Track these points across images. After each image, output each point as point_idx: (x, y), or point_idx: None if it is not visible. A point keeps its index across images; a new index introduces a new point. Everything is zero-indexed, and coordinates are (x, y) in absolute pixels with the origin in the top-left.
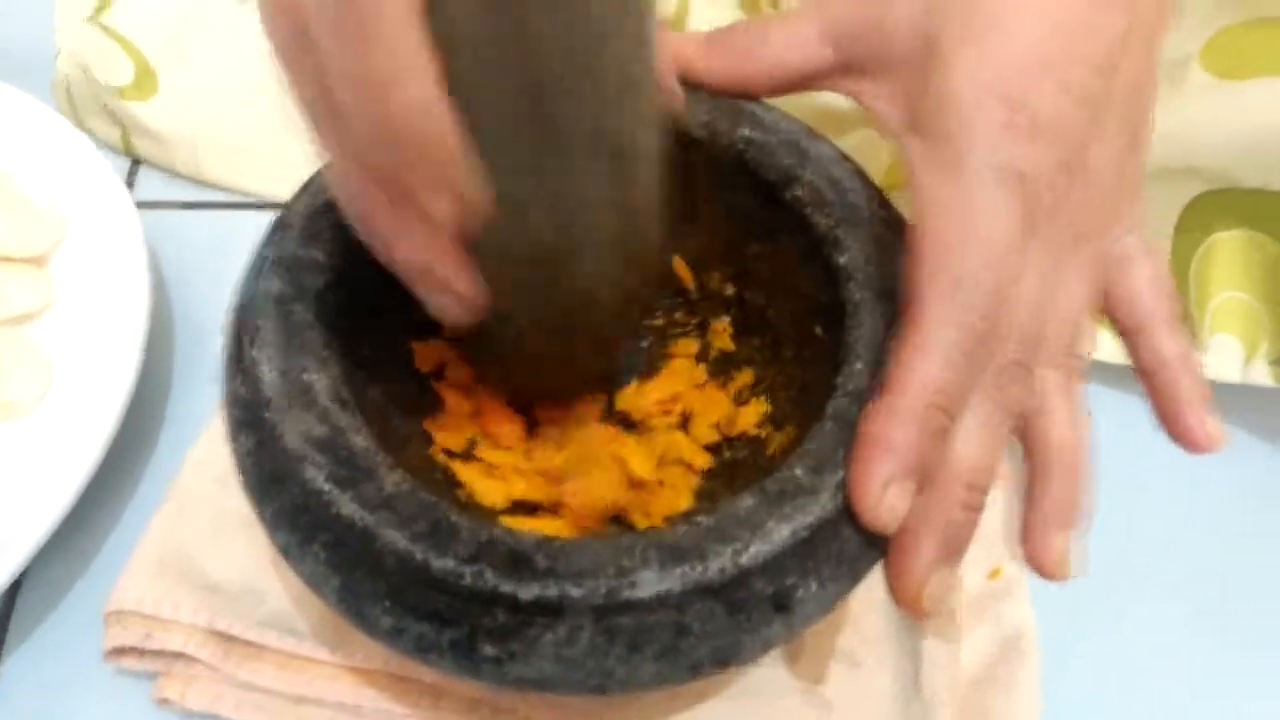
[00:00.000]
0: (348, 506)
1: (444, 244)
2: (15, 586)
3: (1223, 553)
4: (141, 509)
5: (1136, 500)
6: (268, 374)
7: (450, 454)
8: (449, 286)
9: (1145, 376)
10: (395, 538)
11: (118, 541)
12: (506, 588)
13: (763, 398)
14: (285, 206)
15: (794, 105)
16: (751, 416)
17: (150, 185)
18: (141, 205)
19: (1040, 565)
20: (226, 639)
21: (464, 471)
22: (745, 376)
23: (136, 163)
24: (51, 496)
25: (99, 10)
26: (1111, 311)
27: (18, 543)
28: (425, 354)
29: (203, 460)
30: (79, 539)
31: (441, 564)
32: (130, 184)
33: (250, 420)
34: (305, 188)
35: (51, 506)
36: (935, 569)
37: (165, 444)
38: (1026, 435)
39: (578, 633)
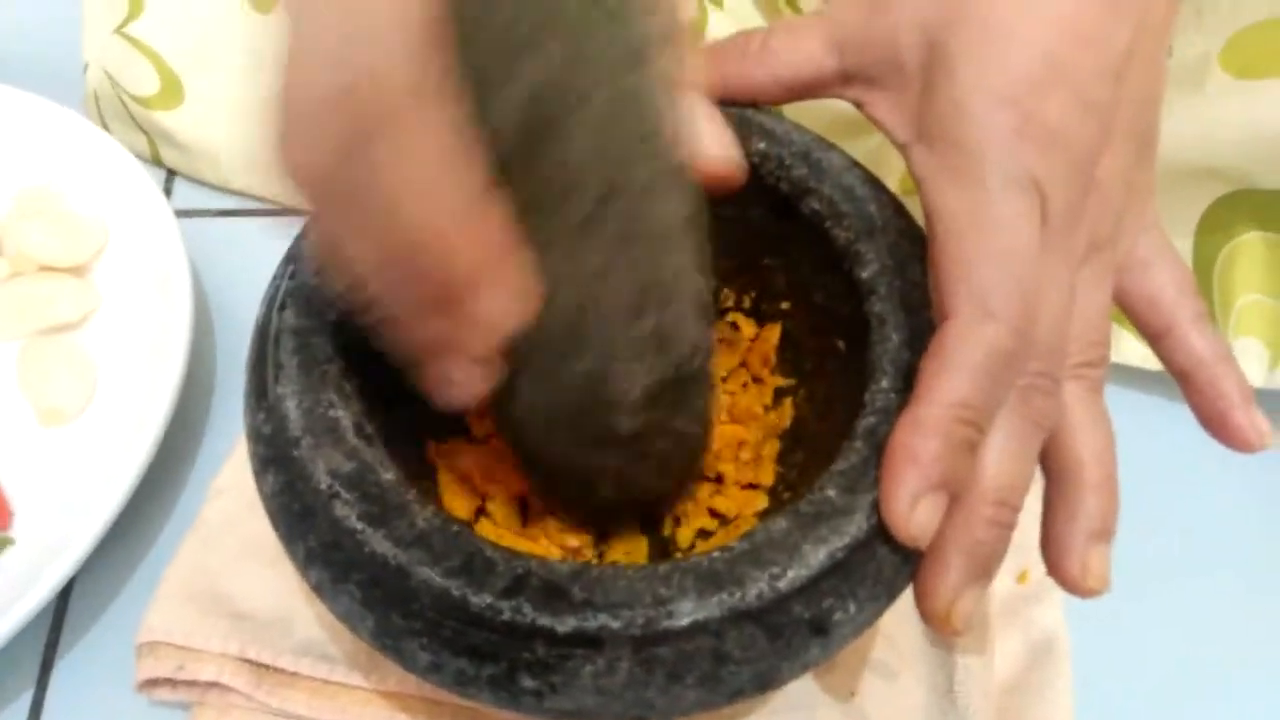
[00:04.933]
0: (380, 544)
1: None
2: (62, 609)
3: (1253, 556)
4: (187, 513)
5: (1167, 503)
6: (293, 411)
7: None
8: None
9: (1181, 378)
10: (430, 574)
11: (164, 548)
12: (544, 621)
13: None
14: (297, 238)
15: (811, 111)
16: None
17: (188, 194)
18: (180, 213)
19: (1078, 581)
20: (259, 668)
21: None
22: (775, 380)
23: (173, 172)
24: (101, 500)
25: (126, 21)
26: (1136, 316)
27: (68, 547)
28: None
29: (226, 488)
30: (123, 551)
31: (479, 600)
32: (168, 192)
33: (277, 458)
34: None
35: (101, 510)
36: (964, 588)
37: (209, 446)
38: (1050, 449)
39: (616, 664)
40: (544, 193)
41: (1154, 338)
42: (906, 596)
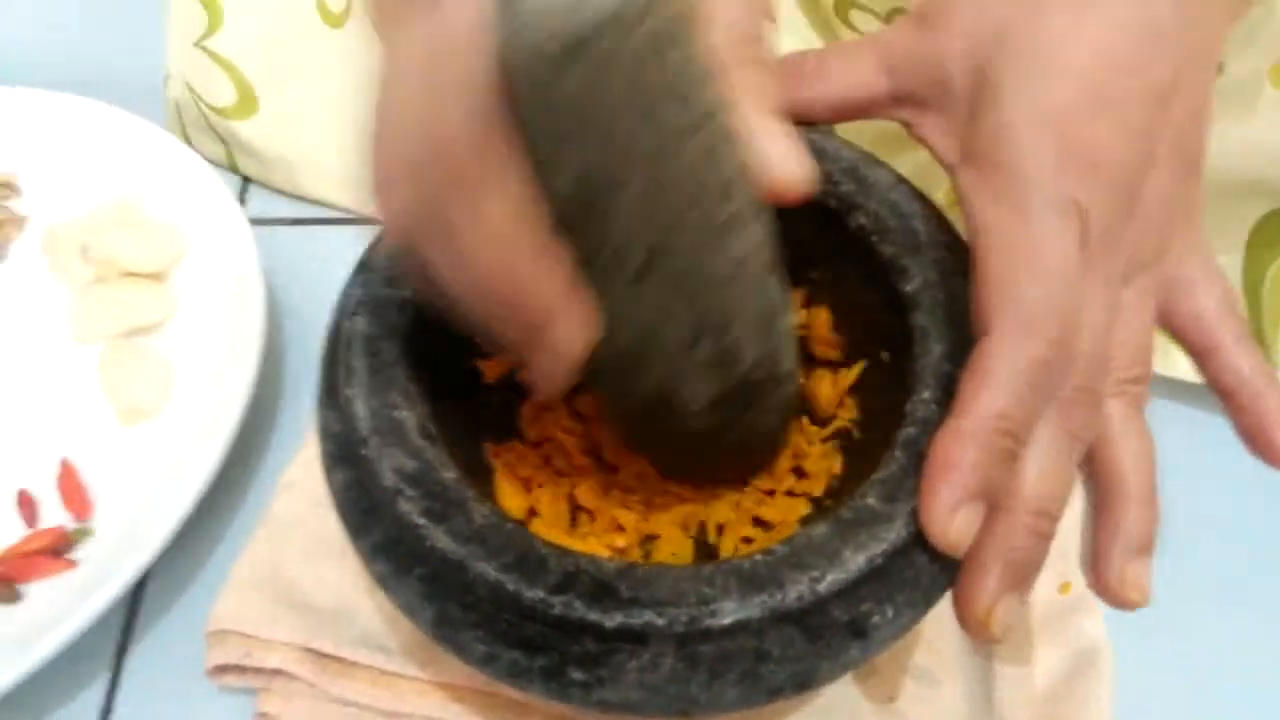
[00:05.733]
0: (441, 539)
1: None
2: (136, 598)
3: None
4: (257, 508)
5: (1210, 516)
6: (361, 411)
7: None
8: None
9: (1225, 397)
10: (486, 569)
11: (234, 541)
12: (593, 617)
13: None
14: (368, 249)
15: (859, 125)
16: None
17: (262, 203)
18: (254, 222)
19: (1120, 594)
20: (321, 657)
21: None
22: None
23: (248, 181)
24: (176, 495)
25: (205, 35)
26: (1181, 335)
27: (146, 538)
28: (491, 368)
29: (294, 485)
30: (196, 544)
31: (531, 594)
32: (243, 201)
33: (346, 455)
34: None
35: (177, 504)
36: (1003, 597)
37: (278, 444)
38: (1093, 463)
39: (660, 660)
40: (597, 252)
41: (1198, 356)
42: (948, 605)
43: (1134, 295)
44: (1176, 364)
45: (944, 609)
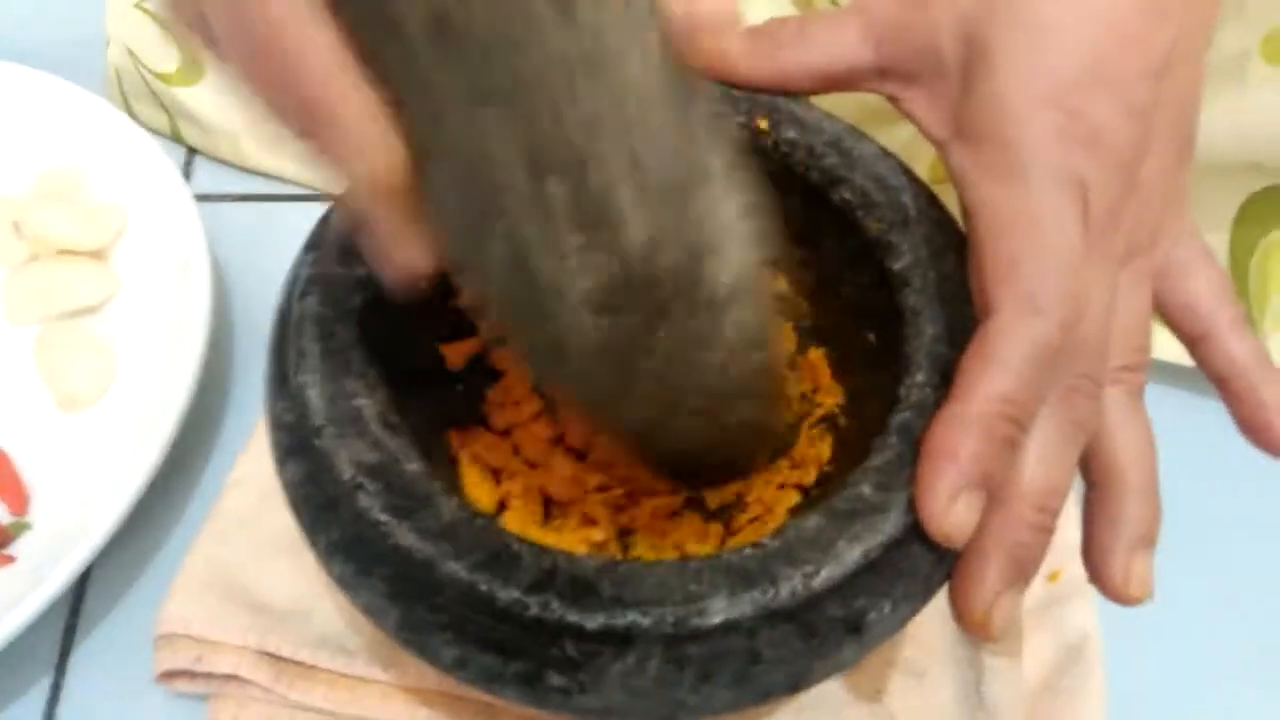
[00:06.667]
0: (406, 537)
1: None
2: (79, 597)
3: None
4: (206, 501)
5: (1204, 502)
6: (315, 399)
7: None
8: (386, 245)
9: (1220, 383)
10: (456, 568)
11: (182, 536)
12: (572, 618)
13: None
14: (319, 224)
15: (840, 100)
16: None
17: (207, 177)
18: (199, 198)
19: (1123, 590)
20: (277, 660)
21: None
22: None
23: (192, 154)
24: (119, 486)
25: None
26: (1175, 320)
27: (87, 533)
28: (455, 353)
29: (244, 478)
30: (141, 538)
31: (506, 595)
32: (187, 176)
33: (299, 447)
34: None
35: (119, 496)
36: (1003, 592)
37: (227, 433)
38: (1091, 454)
39: (646, 662)
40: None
41: (1191, 342)
42: (936, 596)
43: (1131, 279)
44: (1160, 346)
45: (935, 602)
